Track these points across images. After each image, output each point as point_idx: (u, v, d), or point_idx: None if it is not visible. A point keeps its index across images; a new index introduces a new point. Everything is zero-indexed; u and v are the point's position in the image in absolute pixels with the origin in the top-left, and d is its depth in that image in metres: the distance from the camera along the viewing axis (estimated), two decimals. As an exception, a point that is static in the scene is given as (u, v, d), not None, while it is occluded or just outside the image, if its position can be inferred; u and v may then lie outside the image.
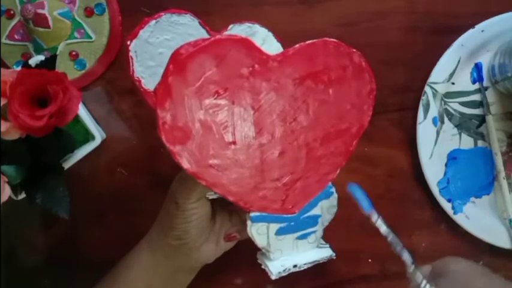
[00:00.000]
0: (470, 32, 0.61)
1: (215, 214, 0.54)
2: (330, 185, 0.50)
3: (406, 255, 0.48)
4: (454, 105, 0.64)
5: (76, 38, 0.63)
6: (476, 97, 0.64)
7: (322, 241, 0.52)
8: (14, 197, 0.55)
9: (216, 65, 0.42)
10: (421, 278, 0.47)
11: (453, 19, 0.64)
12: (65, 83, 0.48)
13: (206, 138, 0.42)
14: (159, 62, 0.48)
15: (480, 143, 0.65)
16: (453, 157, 0.64)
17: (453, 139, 0.64)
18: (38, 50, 0.63)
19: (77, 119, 0.60)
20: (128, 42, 0.46)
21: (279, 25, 0.53)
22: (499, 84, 0.62)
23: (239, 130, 0.44)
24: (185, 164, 0.41)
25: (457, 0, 0.64)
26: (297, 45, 0.45)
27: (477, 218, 0.63)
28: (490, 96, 0.64)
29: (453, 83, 0.63)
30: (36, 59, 0.56)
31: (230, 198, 0.44)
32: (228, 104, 0.43)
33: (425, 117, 0.62)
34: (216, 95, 0.42)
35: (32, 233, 0.67)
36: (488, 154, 0.64)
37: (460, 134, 0.64)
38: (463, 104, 0.64)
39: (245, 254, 0.52)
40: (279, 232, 0.48)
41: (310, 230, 0.51)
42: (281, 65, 0.45)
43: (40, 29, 0.60)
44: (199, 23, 0.48)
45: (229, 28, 0.50)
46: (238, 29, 0.50)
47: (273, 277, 0.49)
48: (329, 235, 0.53)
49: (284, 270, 0.49)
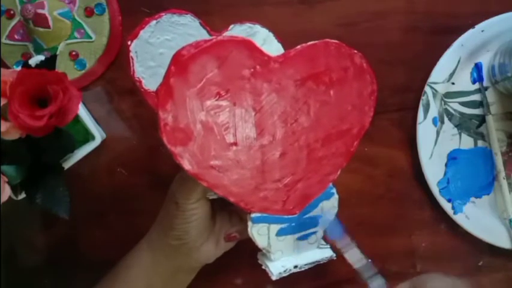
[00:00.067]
0: (470, 32, 0.61)
1: (215, 214, 0.54)
2: (331, 186, 0.50)
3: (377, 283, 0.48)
4: (454, 105, 0.64)
5: (76, 38, 0.63)
6: (476, 97, 0.64)
7: (322, 242, 0.52)
8: (14, 197, 0.55)
9: (218, 67, 0.42)
10: None
11: (453, 19, 0.64)
12: (65, 83, 0.48)
13: (207, 139, 0.42)
14: (160, 63, 0.48)
15: (480, 143, 0.65)
16: (453, 157, 0.64)
17: (453, 139, 0.64)
18: (38, 50, 0.63)
19: (77, 119, 0.59)
20: (129, 42, 0.46)
21: (279, 25, 0.53)
22: (499, 84, 0.62)
23: (240, 131, 0.44)
24: (186, 165, 0.41)
25: (457, 0, 0.64)
26: (298, 46, 0.45)
27: (477, 218, 0.63)
28: (490, 96, 0.64)
29: (453, 83, 0.63)
30: (36, 59, 0.56)
31: (231, 199, 0.45)
32: (230, 105, 0.43)
33: (425, 117, 0.62)
34: (218, 96, 0.42)
35: (32, 233, 0.67)
36: (488, 154, 0.64)
37: (460, 134, 0.64)
38: (463, 104, 0.64)
39: (245, 254, 0.52)
40: (280, 233, 0.48)
41: (310, 231, 0.51)
42: (282, 66, 0.45)
43: (40, 29, 0.60)
44: (199, 24, 0.48)
45: (230, 28, 0.50)
46: (239, 29, 0.50)
47: (274, 277, 0.49)
48: (329, 235, 0.53)
49: (285, 270, 0.49)
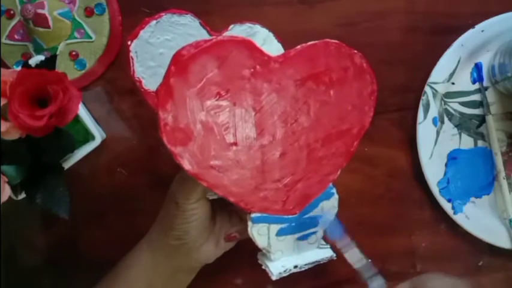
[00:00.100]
0: (470, 32, 0.61)
1: (215, 214, 0.54)
2: (331, 186, 0.50)
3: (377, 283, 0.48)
4: (454, 105, 0.64)
5: (76, 38, 0.63)
6: (476, 97, 0.64)
7: (322, 242, 0.52)
8: (14, 197, 0.55)
9: (218, 67, 0.42)
10: None
11: (453, 19, 0.64)
12: (65, 83, 0.48)
13: (207, 139, 0.42)
14: (160, 63, 0.48)
15: (480, 143, 0.65)
16: (453, 157, 0.64)
17: (453, 139, 0.64)
18: (38, 50, 0.63)
19: (77, 119, 0.59)
20: (129, 42, 0.46)
21: (279, 25, 0.53)
22: (499, 84, 0.62)
23: (240, 131, 0.44)
24: (186, 165, 0.41)
25: (457, 0, 0.64)
26: (298, 46, 0.45)
27: (477, 218, 0.63)
28: (490, 96, 0.64)
29: (453, 83, 0.63)
30: (36, 59, 0.56)
31: (231, 199, 0.45)
32: (230, 105, 0.43)
33: (425, 117, 0.62)
34: (218, 96, 0.42)
35: (32, 233, 0.67)
36: (488, 154, 0.64)
37: (460, 134, 0.64)
38: (463, 104, 0.64)
39: (245, 254, 0.52)
40: (280, 233, 0.48)
41: (310, 231, 0.51)
42: (282, 66, 0.45)
43: (40, 29, 0.60)
44: (199, 24, 0.48)
45: (230, 28, 0.50)
46: (239, 29, 0.50)
47: (274, 277, 0.49)
48: (329, 235, 0.53)
49: (285, 270, 0.49)
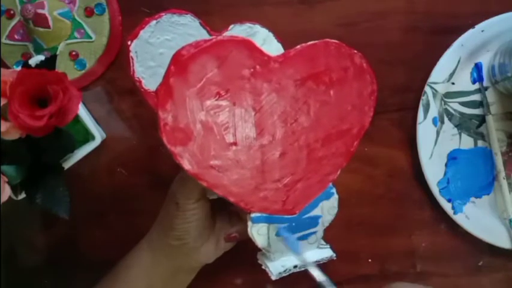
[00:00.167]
0: (470, 32, 0.61)
1: (215, 214, 0.54)
2: (331, 186, 0.50)
3: None
4: (454, 105, 0.64)
5: (76, 38, 0.63)
6: (476, 97, 0.64)
7: (322, 242, 0.52)
8: (14, 197, 0.55)
9: (218, 66, 0.42)
10: None
11: (453, 19, 0.64)
12: (65, 83, 0.48)
13: (207, 139, 0.42)
14: (160, 63, 0.48)
15: (480, 143, 0.64)
16: (453, 157, 0.64)
17: (453, 139, 0.64)
18: (38, 50, 0.63)
19: (77, 119, 0.59)
20: (129, 42, 0.46)
21: (279, 25, 0.53)
22: (499, 84, 0.62)
23: (240, 131, 0.44)
24: (186, 165, 0.41)
25: (457, 0, 0.64)
26: (298, 46, 0.45)
27: (477, 218, 0.63)
28: (490, 96, 0.64)
29: (453, 83, 0.63)
30: (36, 59, 0.56)
31: (231, 199, 0.45)
32: (229, 105, 0.43)
33: (425, 117, 0.62)
34: (218, 96, 0.42)
35: (32, 233, 0.67)
36: (488, 154, 0.64)
37: (460, 134, 0.64)
38: (463, 104, 0.64)
39: (245, 254, 0.52)
40: (280, 233, 0.48)
41: (310, 231, 0.50)
42: (282, 66, 0.45)
43: (40, 29, 0.60)
44: (199, 24, 0.48)
45: (230, 28, 0.50)
46: (239, 29, 0.50)
47: (274, 277, 0.49)
48: (329, 235, 0.52)
49: (284, 270, 0.49)
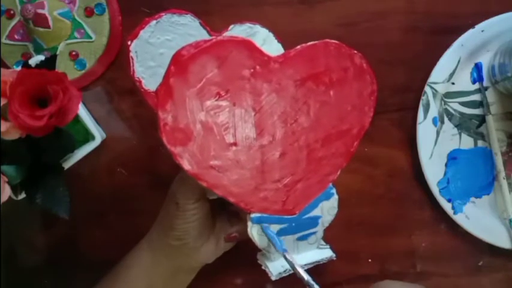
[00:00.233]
0: (470, 32, 0.61)
1: (215, 214, 0.54)
2: (331, 186, 0.50)
3: None
4: (454, 105, 0.64)
5: (76, 38, 0.63)
6: (476, 97, 0.64)
7: (322, 242, 0.52)
8: (14, 197, 0.55)
9: (218, 67, 0.42)
10: None
11: (453, 19, 0.64)
12: (65, 83, 0.48)
13: (207, 139, 0.42)
14: (160, 63, 0.48)
15: (480, 143, 0.64)
16: (453, 157, 0.64)
17: (453, 139, 0.64)
18: (38, 50, 0.63)
19: (77, 119, 0.59)
20: (129, 42, 0.46)
21: (279, 25, 0.53)
22: (499, 84, 0.62)
23: (240, 131, 0.44)
24: (186, 166, 0.41)
25: (457, 0, 0.64)
26: (298, 46, 0.45)
27: (477, 218, 0.63)
28: (490, 96, 0.63)
29: (453, 83, 0.63)
30: (36, 59, 0.56)
31: (231, 199, 0.45)
32: (229, 106, 0.43)
33: (425, 117, 0.62)
34: (217, 97, 0.42)
35: (32, 233, 0.67)
36: (488, 154, 0.64)
37: (460, 134, 0.64)
38: (463, 104, 0.64)
39: (245, 254, 0.52)
40: (280, 233, 0.48)
41: (310, 231, 0.51)
42: (282, 67, 0.45)
43: (40, 29, 0.60)
44: (200, 24, 0.48)
45: (230, 28, 0.50)
46: (239, 29, 0.50)
47: (273, 278, 0.49)
48: (329, 235, 0.52)
49: (284, 271, 0.49)
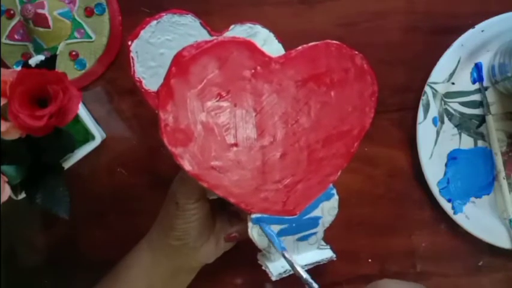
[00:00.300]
0: (470, 32, 0.61)
1: (215, 214, 0.54)
2: (331, 187, 0.50)
3: None
4: (454, 105, 0.64)
5: (76, 38, 0.63)
6: (476, 97, 0.64)
7: (322, 242, 0.52)
8: (14, 197, 0.55)
9: (219, 67, 0.42)
10: None
11: (453, 19, 0.64)
12: (65, 83, 0.48)
13: (208, 140, 0.42)
14: (160, 63, 0.48)
15: (480, 143, 0.64)
16: (453, 157, 0.64)
17: (453, 139, 0.64)
18: (38, 50, 0.63)
19: (77, 119, 0.59)
20: (129, 42, 0.46)
21: (279, 25, 0.53)
22: (499, 84, 0.62)
23: (241, 132, 0.44)
24: (187, 166, 0.41)
25: (457, 0, 0.64)
26: (299, 47, 0.45)
27: (477, 218, 0.63)
28: (490, 96, 0.63)
29: (453, 83, 0.63)
30: (36, 59, 0.56)
31: (232, 200, 0.45)
32: (230, 106, 0.43)
33: (425, 117, 0.62)
34: (218, 97, 0.42)
35: (32, 233, 0.67)
36: (488, 154, 0.64)
37: (460, 134, 0.64)
38: (463, 104, 0.64)
39: (245, 254, 0.52)
40: (280, 234, 0.48)
41: (310, 232, 0.51)
42: (283, 67, 0.45)
43: (40, 29, 0.60)
44: (200, 24, 0.48)
45: (230, 28, 0.50)
46: (239, 30, 0.50)
47: (274, 278, 0.49)
48: (329, 235, 0.52)
49: (284, 271, 0.49)
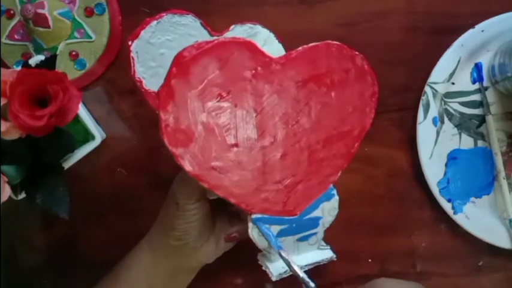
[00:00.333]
0: (470, 32, 0.61)
1: (215, 215, 0.54)
2: (331, 187, 0.50)
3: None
4: (454, 105, 0.64)
5: (76, 38, 0.63)
6: (476, 97, 0.64)
7: (322, 243, 0.52)
8: (14, 197, 0.55)
9: (219, 68, 0.42)
10: None
11: (453, 19, 0.64)
12: (65, 83, 0.48)
13: (208, 140, 0.42)
14: (161, 63, 0.48)
15: (480, 143, 0.64)
16: (453, 157, 0.64)
17: (453, 139, 0.64)
18: (38, 50, 0.62)
19: (77, 119, 0.59)
20: (130, 42, 0.46)
21: (279, 25, 0.53)
22: (499, 84, 0.62)
23: (241, 132, 0.44)
24: (187, 167, 0.41)
25: (457, 0, 0.64)
26: (300, 47, 0.45)
27: (477, 218, 0.63)
28: (490, 96, 0.63)
29: (453, 83, 0.63)
30: (36, 59, 0.56)
31: (232, 200, 0.45)
32: (231, 107, 0.43)
33: (425, 117, 0.62)
34: (219, 98, 0.42)
35: (32, 233, 0.67)
36: (488, 154, 0.64)
37: (460, 134, 0.64)
38: (463, 104, 0.64)
39: (245, 254, 0.52)
40: (280, 234, 0.48)
41: (311, 232, 0.51)
42: (284, 68, 0.45)
43: (40, 29, 0.60)
44: (200, 24, 0.48)
45: (230, 28, 0.50)
46: (239, 30, 0.50)
47: (274, 278, 0.49)
48: (329, 235, 0.52)
49: (285, 271, 0.49)
